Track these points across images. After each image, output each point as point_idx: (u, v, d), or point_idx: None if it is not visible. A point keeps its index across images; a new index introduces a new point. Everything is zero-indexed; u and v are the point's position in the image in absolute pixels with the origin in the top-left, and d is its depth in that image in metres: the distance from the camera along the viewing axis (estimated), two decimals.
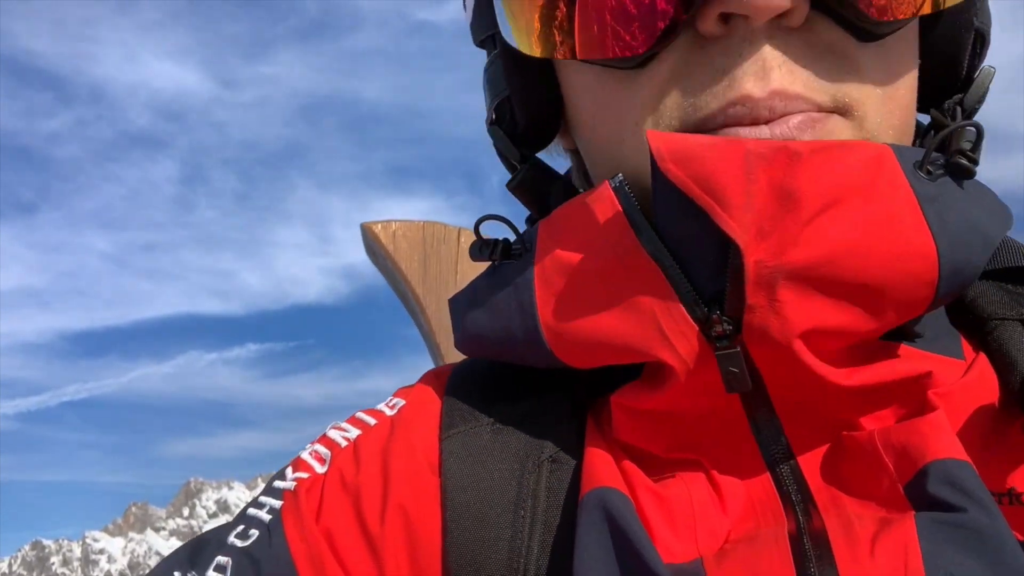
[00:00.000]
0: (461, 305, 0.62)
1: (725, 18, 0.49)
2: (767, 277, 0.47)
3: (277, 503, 0.58)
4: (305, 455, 0.61)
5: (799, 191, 0.47)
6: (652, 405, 0.53)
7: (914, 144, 0.58)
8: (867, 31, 0.50)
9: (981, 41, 0.59)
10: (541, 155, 0.63)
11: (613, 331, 0.52)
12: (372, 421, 0.62)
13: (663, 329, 0.50)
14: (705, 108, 0.50)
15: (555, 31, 0.53)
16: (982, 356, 0.55)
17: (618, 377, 0.56)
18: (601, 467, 0.53)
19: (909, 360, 0.52)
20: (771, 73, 0.49)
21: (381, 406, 0.64)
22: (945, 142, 0.53)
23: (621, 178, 0.52)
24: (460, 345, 0.62)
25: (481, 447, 0.57)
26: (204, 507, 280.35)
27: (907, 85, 0.54)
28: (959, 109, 0.60)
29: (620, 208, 0.51)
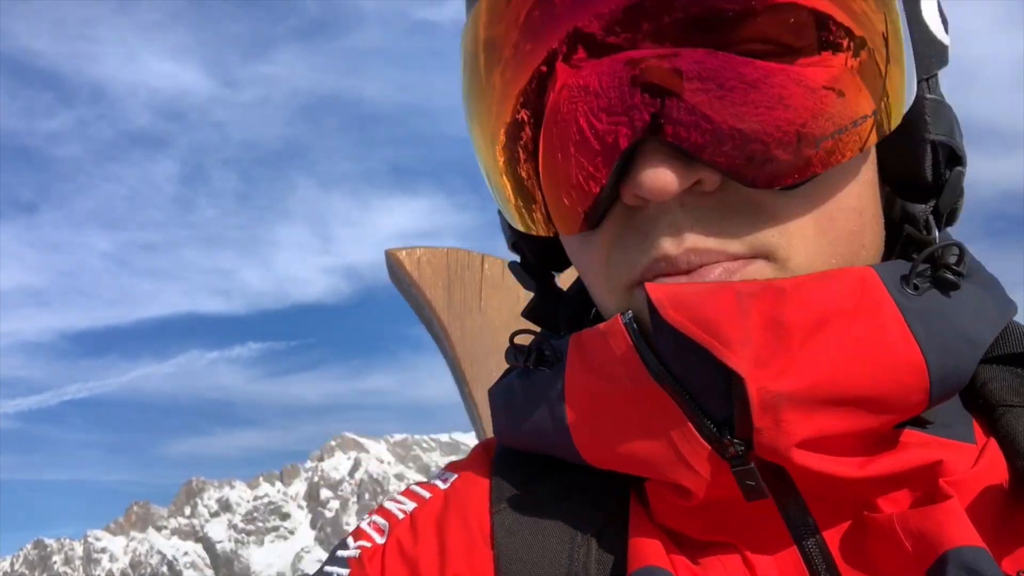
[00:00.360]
0: (499, 400, 0.68)
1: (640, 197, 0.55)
2: (771, 402, 0.52)
3: (344, 571, 0.63)
4: (365, 526, 0.66)
5: (788, 321, 0.52)
6: (689, 504, 0.57)
7: (895, 251, 0.63)
8: (776, 187, 0.54)
9: (948, 149, 0.61)
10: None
11: (635, 450, 0.57)
12: (427, 495, 0.67)
13: (680, 452, 0.55)
14: (637, 265, 0.57)
15: (534, 210, 0.62)
16: (992, 441, 0.58)
17: None
18: (646, 546, 0.57)
19: (921, 448, 0.55)
20: (684, 234, 0.54)
21: (434, 480, 0.69)
22: (931, 257, 0.57)
23: (631, 316, 0.57)
24: (499, 436, 0.69)
25: (531, 521, 0.62)
26: (206, 506, 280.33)
27: (848, 212, 0.57)
28: (931, 217, 0.63)
29: (631, 343, 0.56)
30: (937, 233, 0.63)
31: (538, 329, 0.70)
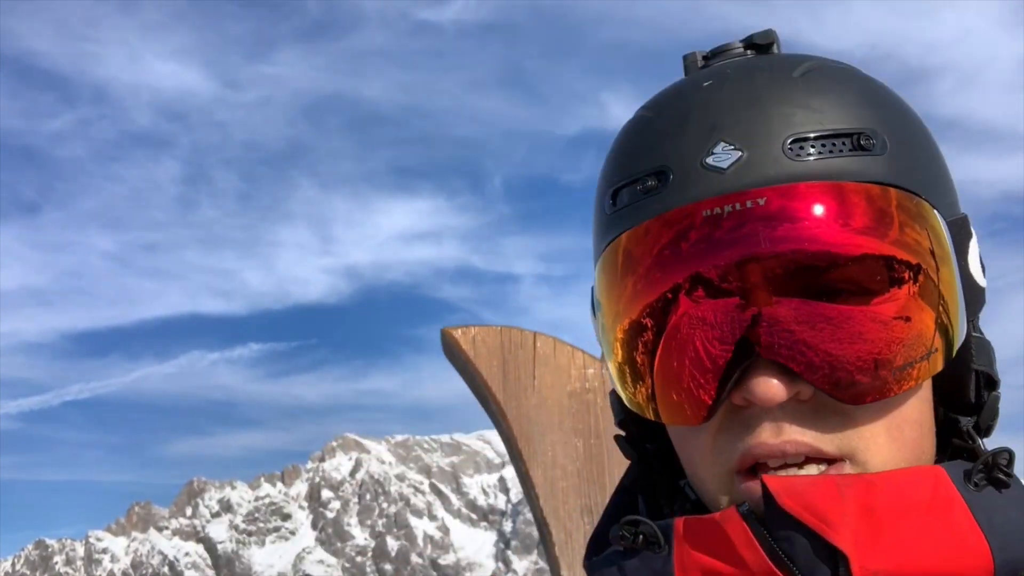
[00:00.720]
0: (604, 574, 0.78)
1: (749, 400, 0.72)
2: None
3: None
4: None
5: (878, 508, 0.67)
6: None
7: (946, 455, 0.80)
8: (853, 402, 0.71)
9: (987, 378, 0.79)
10: None
11: None
12: None
13: None
14: (739, 451, 0.72)
15: (639, 387, 0.77)
16: None
17: None
18: None
19: None
20: (783, 430, 0.71)
21: None
22: (986, 460, 0.72)
23: (746, 506, 0.70)
24: None
25: None
26: (207, 507, 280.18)
27: (911, 424, 0.74)
28: (971, 430, 0.80)
29: (748, 530, 0.69)
30: (981, 442, 0.80)
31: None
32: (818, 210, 0.70)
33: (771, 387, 0.69)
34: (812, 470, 0.71)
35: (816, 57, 0.78)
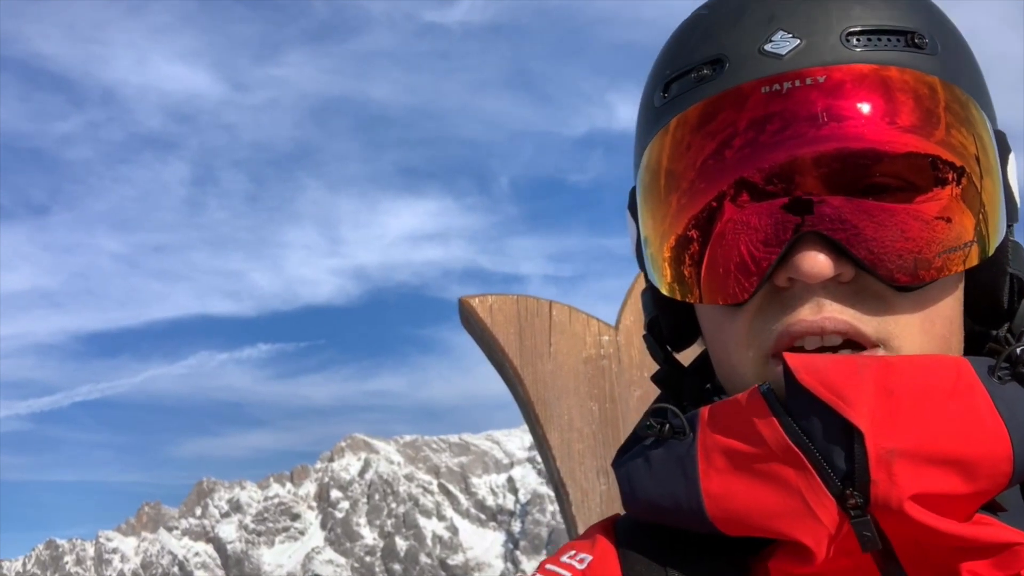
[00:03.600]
0: (629, 469, 0.79)
1: (792, 279, 0.72)
2: (884, 457, 0.65)
3: None
4: None
5: (896, 390, 0.67)
6: (805, 571, 0.69)
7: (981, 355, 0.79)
8: (902, 286, 0.72)
9: (1020, 283, 0.80)
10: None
11: (767, 505, 0.69)
12: (567, 575, 0.78)
13: (808, 503, 0.67)
14: (776, 332, 0.73)
15: (682, 283, 0.78)
16: None
17: (767, 543, 0.72)
18: None
19: (1003, 528, 0.68)
20: (824, 307, 0.72)
21: (567, 559, 0.80)
22: (1011, 356, 0.73)
23: (768, 385, 0.71)
24: (628, 507, 0.79)
25: None
26: (216, 507, 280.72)
27: (943, 319, 0.75)
28: (1009, 335, 0.81)
29: (767, 408, 0.70)
30: (1016, 349, 0.78)
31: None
32: (865, 107, 0.71)
33: (817, 261, 0.70)
34: (846, 354, 0.71)
35: None
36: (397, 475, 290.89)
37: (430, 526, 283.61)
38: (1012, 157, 0.79)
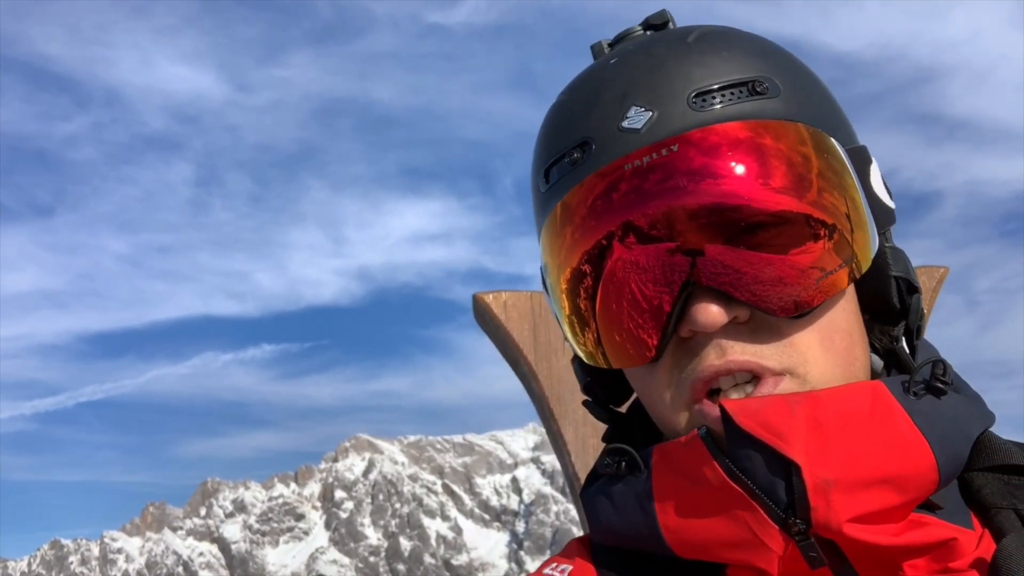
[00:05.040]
0: (594, 503, 0.86)
1: (693, 331, 0.79)
2: (821, 486, 0.72)
3: None
4: None
5: (824, 421, 0.74)
6: None
7: (888, 366, 0.89)
8: (788, 314, 0.78)
9: (907, 283, 0.86)
10: None
11: (719, 537, 0.76)
12: None
13: (756, 533, 0.74)
14: (690, 379, 0.79)
15: (587, 332, 0.85)
16: (987, 532, 0.79)
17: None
18: None
19: (938, 527, 0.75)
20: (726, 351, 0.78)
21: (549, 571, 0.88)
22: (923, 371, 0.81)
23: (705, 429, 0.77)
24: (595, 534, 0.87)
25: None
26: (221, 507, 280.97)
27: (841, 333, 0.81)
28: (903, 335, 0.88)
29: (707, 451, 0.76)
30: (903, 344, 0.88)
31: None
32: (739, 168, 0.77)
33: (710, 312, 0.76)
34: (762, 386, 0.78)
35: (705, 25, 0.87)
36: (401, 475, 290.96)
37: (434, 526, 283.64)
38: (874, 167, 0.85)
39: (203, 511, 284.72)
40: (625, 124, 0.80)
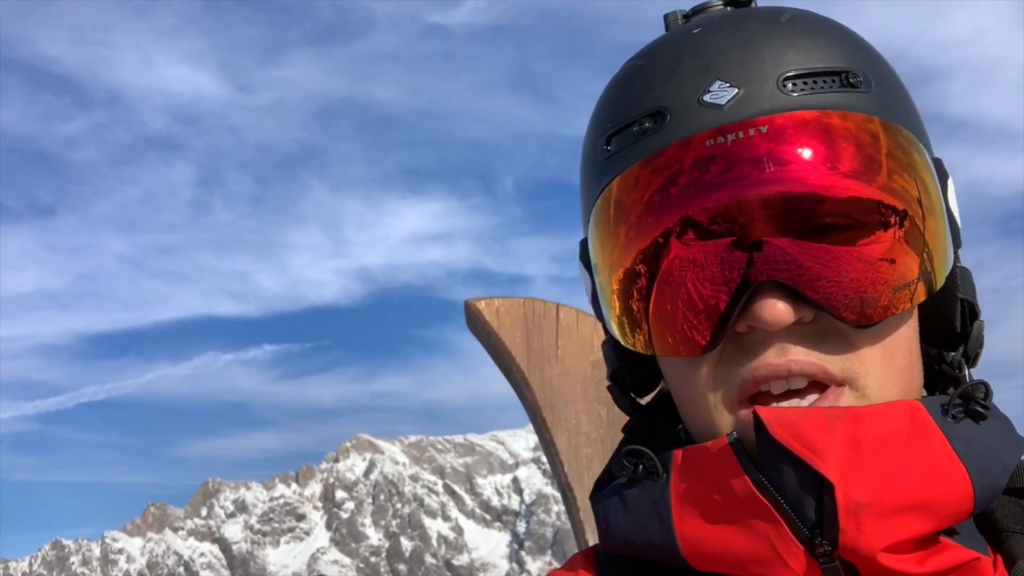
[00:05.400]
0: (606, 507, 0.80)
1: (752, 327, 0.74)
2: (853, 508, 0.68)
3: None
4: None
5: (863, 439, 0.70)
6: None
7: (931, 389, 0.84)
8: (860, 323, 0.74)
9: (971, 307, 0.82)
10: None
11: (738, 551, 0.72)
12: None
13: (778, 551, 0.70)
14: (740, 377, 0.75)
15: (638, 334, 0.79)
16: (999, 557, 0.76)
17: None
18: None
19: (958, 550, 0.72)
20: (788, 351, 0.73)
21: None
22: (963, 393, 0.76)
23: (735, 435, 0.73)
24: (605, 543, 0.81)
25: None
26: (222, 507, 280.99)
27: (903, 351, 0.77)
28: (963, 360, 0.84)
29: (736, 459, 0.72)
30: (967, 372, 0.83)
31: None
32: (807, 152, 0.72)
33: (777, 309, 0.71)
34: (813, 398, 0.74)
35: (793, 8, 0.82)
36: (402, 475, 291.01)
37: (435, 526, 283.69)
38: (951, 183, 0.81)
39: (204, 511, 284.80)
40: (707, 98, 0.75)
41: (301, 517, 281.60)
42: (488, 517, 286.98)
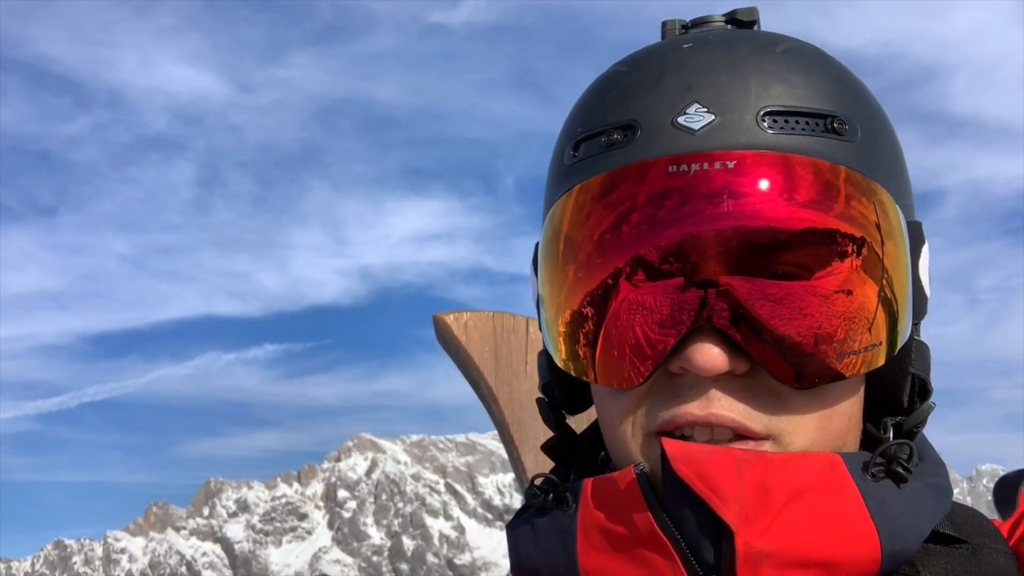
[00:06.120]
0: (517, 536, 0.80)
1: (685, 368, 0.71)
2: (753, 556, 0.66)
3: None
4: None
5: (772, 487, 0.67)
6: None
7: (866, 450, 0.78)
8: (799, 383, 0.70)
9: (922, 384, 0.78)
10: None
11: None
12: None
13: None
14: (662, 417, 0.72)
15: (577, 361, 0.77)
16: None
17: None
18: None
19: None
20: (712, 402, 0.70)
21: None
22: (886, 453, 0.73)
23: (643, 467, 0.72)
24: (515, 573, 0.81)
25: None
26: (224, 507, 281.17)
27: (841, 415, 0.74)
28: (893, 427, 0.81)
29: (640, 493, 0.70)
30: (890, 435, 0.81)
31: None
32: (763, 184, 0.69)
33: (711, 356, 0.69)
34: (741, 445, 0.71)
35: (796, 39, 0.79)
36: (404, 475, 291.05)
37: (437, 525, 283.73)
38: (925, 249, 0.77)
39: (206, 511, 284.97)
40: (682, 120, 0.72)
41: (303, 516, 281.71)
42: (490, 516, 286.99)
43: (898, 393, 0.78)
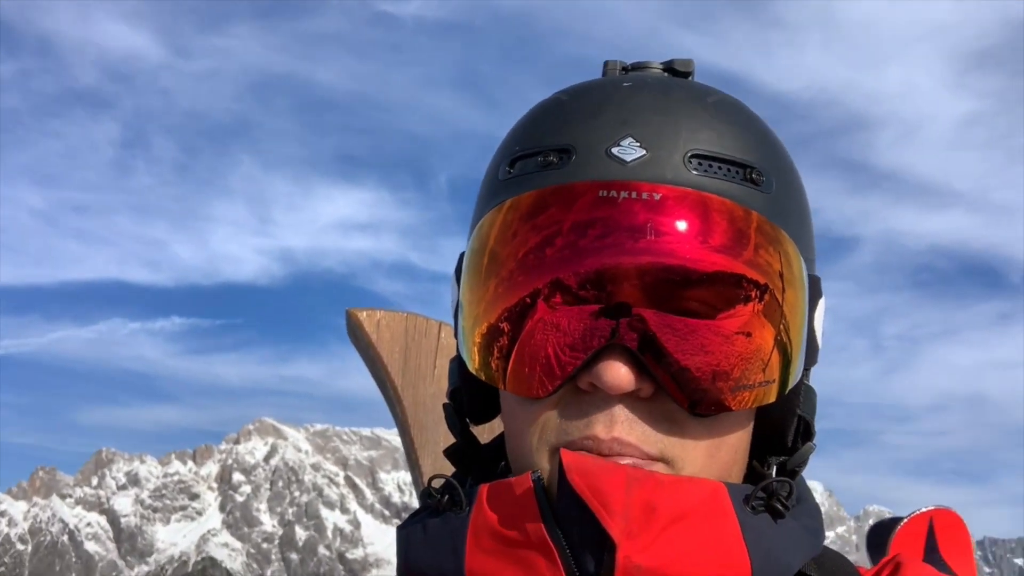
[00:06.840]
0: (407, 536, 0.82)
1: (594, 385, 0.75)
2: (631, 570, 0.70)
3: None
4: None
5: (659, 507, 0.71)
6: None
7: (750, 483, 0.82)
8: (694, 411, 0.76)
9: (806, 425, 0.84)
10: None
11: None
12: None
13: None
14: (569, 435, 0.76)
15: (488, 371, 0.80)
16: None
17: None
18: None
19: None
20: (616, 424, 0.74)
21: None
22: (768, 488, 0.77)
23: (539, 475, 0.75)
24: (402, 573, 0.83)
25: None
26: (114, 478, 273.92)
27: (729, 447, 0.79)
28: (776, 466, 0.88)
29: (534, 499, 0.74)
30: (773, 472, 0.87)
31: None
32: (681, 225, 0.74)
33: (619, 374, 0.73)
34: (625, 460, 0.74)
35: (726, 93, 0.85)
36: (304, 463, 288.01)
37: (332, 518, 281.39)
38: (822, 302, 0.84)
39: (95, 481, 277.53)
40: (615, 151, 0.77)
41: (195, 496, 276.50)
42: (387, 513, 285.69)
43: (784, 432, 0.84)
